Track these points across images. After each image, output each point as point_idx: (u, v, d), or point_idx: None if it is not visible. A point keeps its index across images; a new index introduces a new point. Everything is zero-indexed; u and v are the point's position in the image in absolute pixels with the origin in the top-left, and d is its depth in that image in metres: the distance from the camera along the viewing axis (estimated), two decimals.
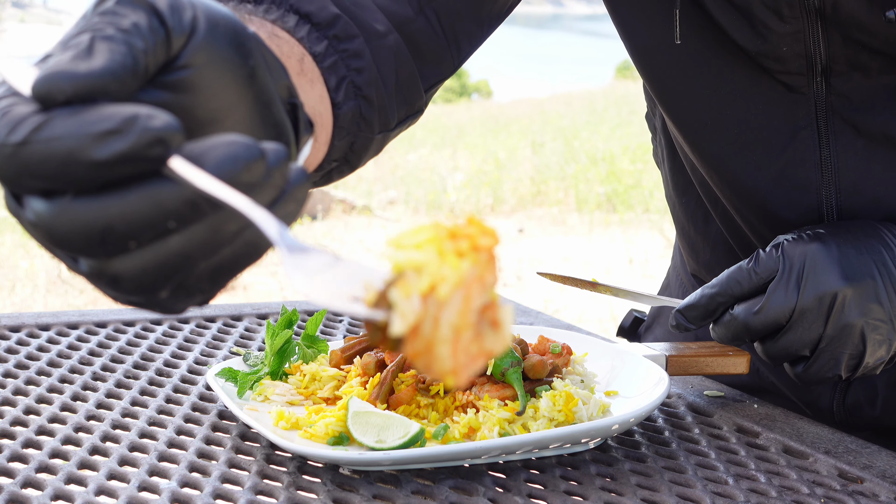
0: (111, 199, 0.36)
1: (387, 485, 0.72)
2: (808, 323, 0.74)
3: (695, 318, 0.79)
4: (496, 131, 10.21)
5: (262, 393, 0.83)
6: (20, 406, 0.83)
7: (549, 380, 0.81)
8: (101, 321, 1.06)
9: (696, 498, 0.73)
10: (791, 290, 0.73)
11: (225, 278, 0.40)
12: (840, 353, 0.74)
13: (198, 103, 0.40)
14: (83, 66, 0.36)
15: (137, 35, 0.38)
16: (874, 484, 0.77)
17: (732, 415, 0.89)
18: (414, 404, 0.79)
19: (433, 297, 0.35)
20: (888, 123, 0.79)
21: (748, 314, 0.75)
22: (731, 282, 0.76)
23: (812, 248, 0.74)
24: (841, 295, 0.73)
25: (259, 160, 0.37)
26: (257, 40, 0.43)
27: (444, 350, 0.35)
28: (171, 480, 0.71)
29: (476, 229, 0.36)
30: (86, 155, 0.35)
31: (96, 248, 0.37)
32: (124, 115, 0.35)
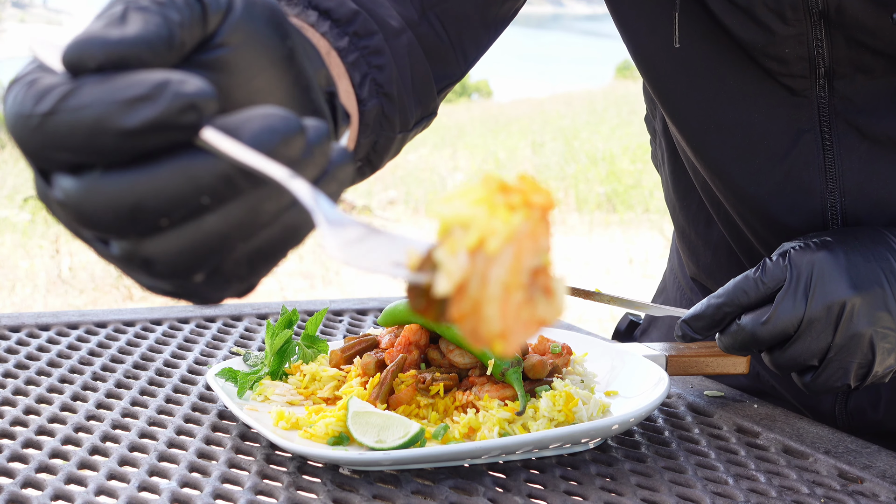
0: (142, 172, 0.34)
1: (387, 485, 0.72)
2: (817, 333, 0.73)
3: (701, 329, 0.78)
4: (496, 131, 10.21)
5: (262, 393, 0.83)
6: (20, 406, 0.83)
7: (549, 380, 0.81)
8: (100, 321, 1.06)
9: (696, 498, 0.73)
10: (799, 299, 0.73)
11: (265, 264, 0.38)
12: (849, 362, 0.74)
13: (235, 83, 0.38)
14: (116, 32, 0.34)
15: (173, 7, 0.36)
16: (874, 484, 0.77)
17: (732, 415, 0.89)
18: (414, 404, 0.79)
19: (482, 252, 0.32)
20: (892, 126, 0.79)
21: (756, 325, 0.74)
22: (738, 291, 0.75)
23: (819, 257, 0.73)
24: (849, 304, 0.72)
25: (299, 134, 0.35)
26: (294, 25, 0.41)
27: (492, 310, 0.32)
28: (171, 480, 0.71)
29: (529, 186, 0.33)
30: (114, 123, 0.33)
31: (127, 226, 0.34)
32: (155, 80, 0.33)
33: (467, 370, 0.82)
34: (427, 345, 0.84)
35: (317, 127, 0.36)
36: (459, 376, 0.82)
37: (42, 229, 6.08)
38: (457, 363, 0.82)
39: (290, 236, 0.38)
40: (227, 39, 0.38)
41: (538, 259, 0.34)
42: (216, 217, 0.35)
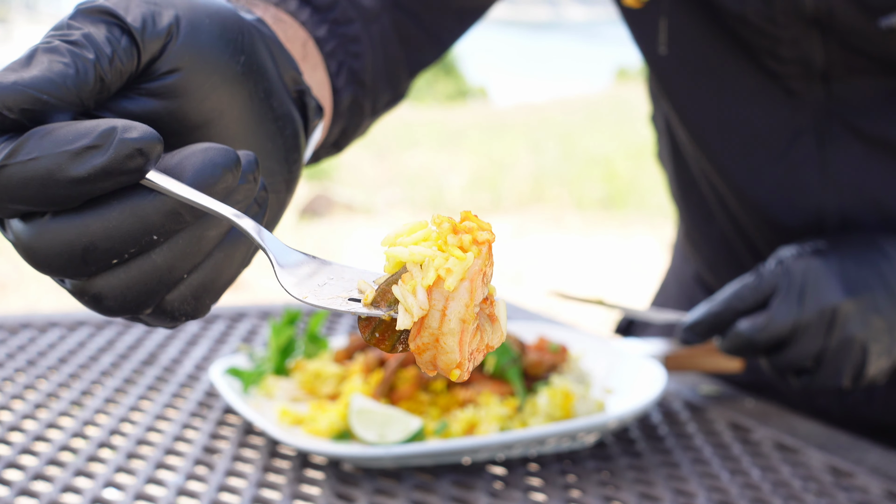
0: (92, 215, 0.35)
1: (388, 480, 0.73)
2: (811, 337, 0.75)
3: (701, 333, 0.80)
4: (495, 134, 10.22)
5: (266, 390, 0.85)
6: (30, 401, 0.85)
7: (548, 377, 0.83)
8: (108, 319, 1.08)
9: (691, 493, 0.74)
10: (793, 305, 0.74)
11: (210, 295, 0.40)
12: (842, 364, 0.75)
13: (189, 107, 0.40)
14: (11, 77, 0.35)
15: (88, 46, 0.37)
16: (865, 478, 0.78)
17: (726, 411, 0.90)
18: (415, 401, 0.81)
19: (439, 289, 0.35)
20: (887, 127, 0.80)
21: (752, 331, 0.76)
22: (735, 299, 0.77)
23: (813, 263, 0.75)
24: (842, 308, 0.74)
25: (235, 165, 0.37)
26: (258, 31, 0.43)
27: (451, 342, 0.35)
28: (177, 474, 0.72)
29: (475, 224, 0.37)
30: (65, 173, 0.34)
31: (78, 267, 0.36)
32: (101, 128, 0.35)
33: None
34: None
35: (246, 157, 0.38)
36: None
37: None
38: None
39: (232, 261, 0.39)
40: (175, 65, 0.39)
41: (485, 290, 0.37)
42: (164, 250, 0.37)
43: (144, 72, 0.39)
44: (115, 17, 0.38)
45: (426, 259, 0.36)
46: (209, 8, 0.41)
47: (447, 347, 0.35)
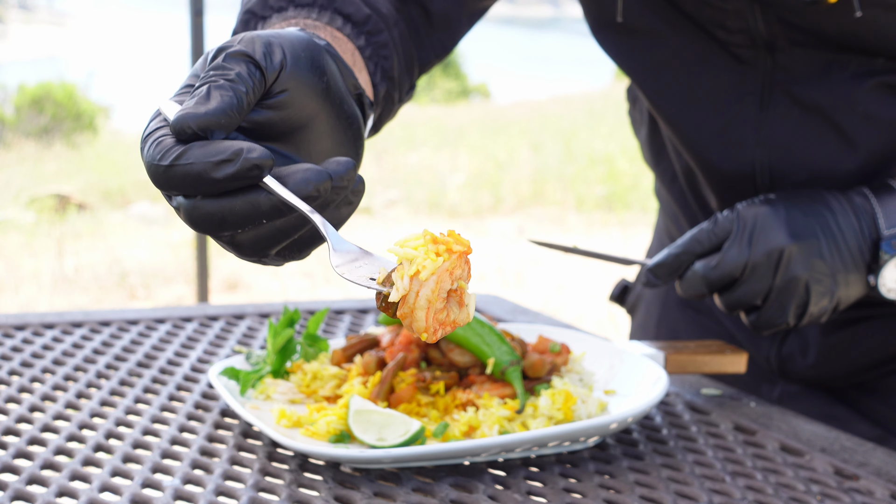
0: (225, 201, 0.54)
1: (388, 482, 0.73)
2: (759, 276, 0.82)
3: (663, 276, 0.87)
4: (496, 132, 10.22)
5: (264, 391, 0.84)
6: (25, 404, 0.84)
7: (548, 378, 0.82)
8: (104, 320, 1.07)
9: (693, 495, 0.73)
10: (744, 247, 0.82)
11: (305, 249, 0.60)
12: (787, 302, 0.82)
13: (293, 114, 0.59)
14: (202, 109, 0.55)
15: (241, 82, 0.56)
16: (870, 481, 0.77)
17: (730, 413, 0.90)
18: (414, 403, 0.80)
19: (417, 278, 0.54)
20: (821, 96, 0.87)
21: (707, 269, 0.83)
22: (693, 242, 0.85)
23: (763, 211, 0.83)
24: (787, 251, 0.81)
25: (325, 181, 0.55)
26: (329, 53, 0.62)
27: (420, 314, 0.54)
28: (175, 477, 0.72)
29: (453, 239, 0.55)
30: (209, 175, 0.53)
31: (216, 231, 0.56)
32: (233, 148, 0.54)
33: (467, 369, 0.83)
34: (427, 344, 0.85)
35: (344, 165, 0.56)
36: (459, 375, 0.83)
37: (47, 230, 6.09)
38: (457, 362, 0.83)
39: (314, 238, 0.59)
40: (284, 87, 0.59)
41: (455, 284, 0.55)
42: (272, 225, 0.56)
43: (265, 93, 0.58)
44: (251, 58, 0.57)
45: (413, 258, 0.54)
46: (301, 43, 0.60)
47: (418, 317, 0.54)
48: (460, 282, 0.54)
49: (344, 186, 0.56)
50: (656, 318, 1.12)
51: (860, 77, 0.86)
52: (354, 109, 0.64)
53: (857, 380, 0.98)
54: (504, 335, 0.83)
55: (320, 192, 0.54)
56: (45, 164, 8.68)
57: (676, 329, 1.09)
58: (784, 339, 0.99)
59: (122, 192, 7.85)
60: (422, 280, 0.53)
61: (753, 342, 1.01)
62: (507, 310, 1.18)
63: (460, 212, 7.32)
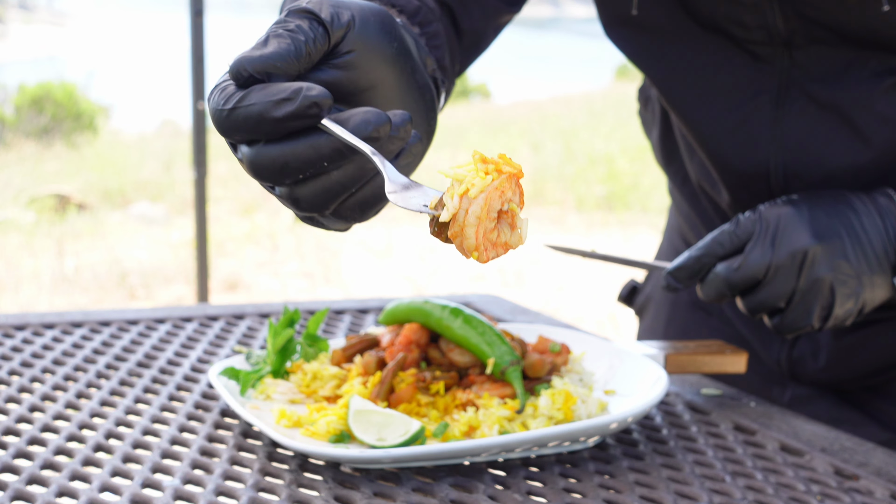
0: (288, 144, 0.56)
1: (388, 482, 0.73)
2: (783, 277, 0.81)
3: (683, 279, 0.86)
4: (496, 132, 10.21)
5: (264, 391, 0.84)
6: (25, 404, 0.84)
7: (548, 378, 0.82)
8: (104, 320, 1.07)
9: (693, 495, 0.73)
10: (767, 248, 0.81)
11: (368, 209, 0.60)
12: (812, 304, 0.81)
13: (360, 76, 0.60)
14: (258, 52, 0.56)
15: (300, 32, 0.57)
16: (870, 481, 0.77)
17: (730, 413, 0.90)
18: (414, 402, 0.80)
19: (466, 196, 0.55)
20: (839, 94, 0.86)
21: (729, 271, 0.82)
22: (714, 244, 0.84)
23: (786, 211, 0.82)
24: (811, 252, 0.80)
25: (385, 124, 0.55)
26: (404, 28, 0.64)
27: (470, 232, 0.54)
28: (175, 477, 0.72)
29: (503, 161, 0.55)
30: (270, 114, 0.55)
31: (279, 177, 0.57)
32: (293, 87, 0.55)
33: (467, 369, 0.83)
34: (427, 343, 0.85)
35: (401, 116, 0.57)
36: (459, 375, 0.83)
37: (47, 229, 6.09)
38: (457, 362, 0.83)
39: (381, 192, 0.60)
40: (351, 47, 0.60)
41: (506, 205, 0.55)
42: (338, 172, 0.58)
43: (331, 52, 0.59)
44: (314, 14, 0.59)
45: (462, 177, 0.55)
46: (372, 9, 0.61)
47: (468, 235, 0.55)
48: (511, 204, 0.55)
49: (401, 137, 0.57)
50: (665, 319, 1.11)
51: (879, 76, 0.84)
52: (427, 80, 0.65)
53: (868, 383, 0.97)
54: (504, 335, 0.83)
55: (380, 133, 0.55)
56: (45, 164, 8.68)
57: (686, 330, 1.07)
58: (795, 341, 0.97)
59: (122, 192, 7.85)
60: (471, 198, 0.54)
61: (764, 344, 1.00)
62: (507, 310, 1.18)
63: None
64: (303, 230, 6.48)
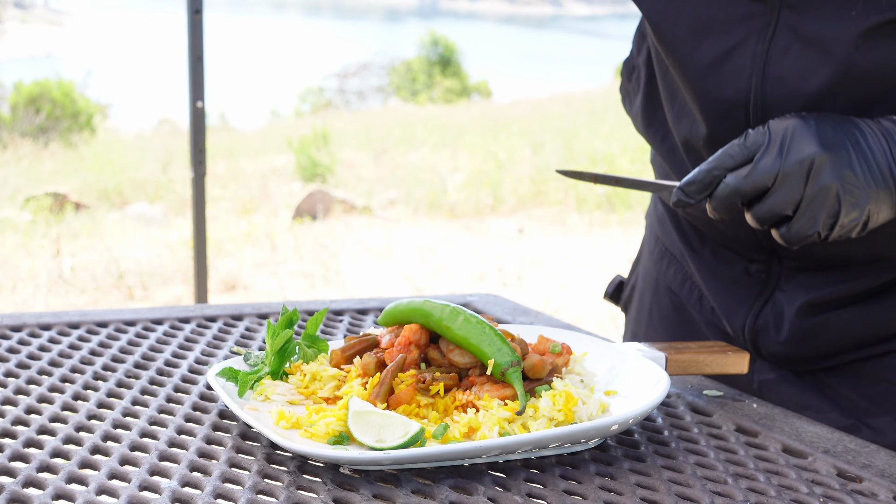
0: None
1: (387, 484, 0.72)
2: (791, 185, 0.83)
3: (693, 192, 0.87)
4: (496, 131, 10.20)
5: (263, 392, 0.83)
6: (22, 405, 0.84)
7: (549, 379, 0.82)
8: (102, 321, 1.06)
9: (694, 497, 0.73)
10: (775, 156, 0.84)
11: None
12: (818, 211, 0.83)
13: None
14: None
15: None
16: (873, 483, 0.77)
17: (731, 414, 0.89)
18: (414, 404, 0.79)
19: None
20: (823, 28, 0.89)
21: (738, 179, 0.85)
22: (724, 156, 0.86)
23: (794, 123, 0.85)
24: (818, 160, 0.83)
25: None
26: None
27: None
28: (172, 480, 0.71)
29: None
30: None
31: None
32: None
33: (467, 370, 0.82)
34: (427, 344, 0.84)
35: None
36: (459, 376, 0.82)
37: (43, 229, 6.08)
38: (457, 363, 0.82)
39: None
40: None
41: None
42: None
43: None
44: None
45: None
46: None
47: None
48: None
49: None
50: (648, 307, 1.15)
51: (865, 16, 0.87)
52: None
53: (828, 364, 1.00)
54: (504, 336, 0.82)
55: None
56: (42, 164, 8.67)
57: (668, 316, 1.11)
58: (761, 309, 1.01)
59: (119, 192, 7.84)
60: None
61: (731, 312, 1.03)
62: (507, 310, 1.18)
63: (460, 212, 7.31)
64: (301, 230, 6.48)
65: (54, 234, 5.81)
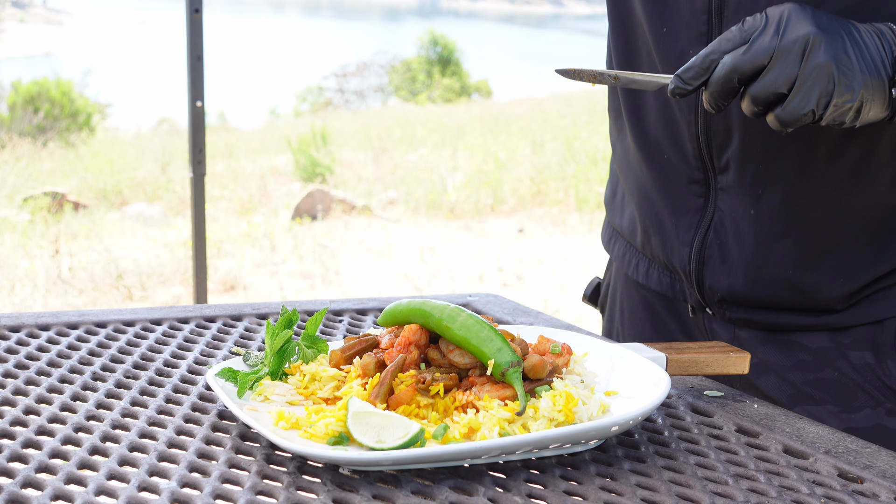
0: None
1: (387, 485, 0.72)
2: (786, 62, 0.85)
3: (691, 78, 0.88)
4: (496, 131, 10.20)
5: (262, 393, 0.83)
6: (20, 406, 0.83)
7: (549, 380, 0.81)
8: (100, 321, 1.06)
9: (695, 498, 0.73)
10: (771, 35, 0.86)
11: None
12: (812, 89, 0.85)
13: None
14: None
15: None
16: (874, 484, 0.77)
17: (732, 415, 0.89)
18: (414, 404, 0.79)
19: None
20: None
21: (735, 57, 0.87)
22: (721, 41, 0.88)
23: (790, 7, 0.87)
24: (814, 39, 0.85)
25: None
26: None
27: None
28: (171, 480, 0.71)
29: None
30: None
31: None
32: None
33: (467, 370, 0.82)
34: (427, 345, 0.84)
35: None
36: (459, 376, 0.82)
37: (42, 229, 6.08)
38: (457, 363, 0.82)
39: None
40: None
41: None
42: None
43: None
44: None
45: None
46: None
47: None
48: None
49: None
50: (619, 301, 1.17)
51: None
52: None
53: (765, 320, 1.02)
54: (504, 336, 0.82)
55: None
56: (41, 163, 8.66)
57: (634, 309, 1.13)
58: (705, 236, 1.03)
59: (118, 192, 7.84)
60: None
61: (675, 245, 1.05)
62: (507, 310, 1.18)
63: (460, 212, 7.31)
64: (301, 230, 6.47)
65: (53, 234, 5.80)
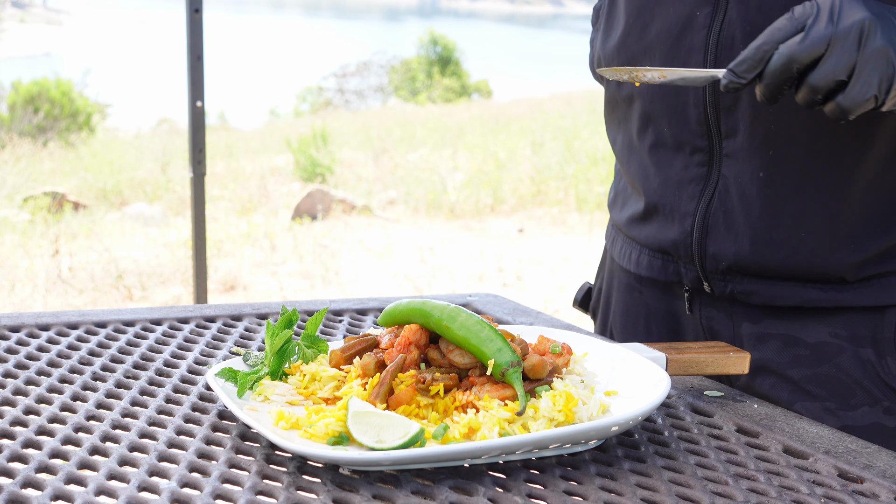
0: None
1: (387, 485, 0.72)
2: (845, 48, 0.85)
3: (744, 71, 0.87)
4: (496, 131, 10.20)
5: (262, 393, 0.83)
6: (20, 406, 0.83)
7: (549, 380, 0.81)
8: (100, 321, 1.06)
9: (695, 498, 0.73)
10: (826, 22, 0.85)
11: None
12: (873, 74, 0.85)
13: None
14: None
15: None
16: (874, 484, 0.77)
17: (732, 415, 0.89)
18: (414, 404, 0.79)
19: None
20: None
21: (792, 47, 0.86)
22: (773, 31, 0.87)
23: None
24: (869, 24, 0.85)
25: None
26: None
27: None
28: (171, 480, 0.71)
29: None
30: None
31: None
32: None
33: (467, 370, 0.82)
34: (427, 345, 0.84)
35: None
36: (459, 376, 0.82)
37: (42, 229, 6.08)
38: (457, 363, 0.82)
39: None
40: None
41: None
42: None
43: None
44: None
45: None
46: None
47: None
48: None
49: None
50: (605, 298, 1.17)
51: None
52: None
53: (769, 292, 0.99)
54: (504, 336, 0.82)
55: None
56: (41, 163, 8.66)
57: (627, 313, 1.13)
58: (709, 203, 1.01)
59: (118, 192, 7.84)
60: None
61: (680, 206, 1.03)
62: (507, 310, 1.18)
63: (460, 212, 7.31)
64: (301, 230, 6.48)
65: (53, 234, 5.80)
